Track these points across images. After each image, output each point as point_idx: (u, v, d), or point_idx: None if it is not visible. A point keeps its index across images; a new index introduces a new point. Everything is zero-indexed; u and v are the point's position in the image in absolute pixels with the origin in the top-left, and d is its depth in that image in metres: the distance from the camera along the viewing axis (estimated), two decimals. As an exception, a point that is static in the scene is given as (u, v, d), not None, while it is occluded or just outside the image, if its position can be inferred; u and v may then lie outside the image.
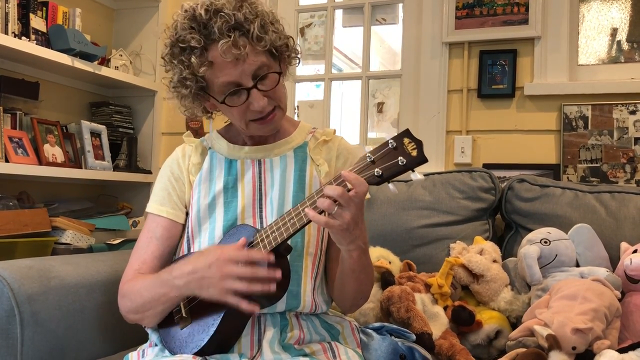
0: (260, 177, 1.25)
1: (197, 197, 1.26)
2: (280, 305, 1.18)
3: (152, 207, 1.30)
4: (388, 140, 1.00)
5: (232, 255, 1.05)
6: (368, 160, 1.01)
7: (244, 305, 1.03)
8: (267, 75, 1.16)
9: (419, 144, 0.99)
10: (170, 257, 1.29)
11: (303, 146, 1.29)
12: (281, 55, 1.21)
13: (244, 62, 1.13)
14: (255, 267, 1.04)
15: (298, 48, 1.27)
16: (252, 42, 1.13)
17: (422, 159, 0.98)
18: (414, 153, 0.98)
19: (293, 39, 1.25)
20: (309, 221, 1.04)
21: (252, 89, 1.15)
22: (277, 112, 1.20)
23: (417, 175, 0.99)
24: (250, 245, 1.12)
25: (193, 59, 1.13)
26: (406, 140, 1.00)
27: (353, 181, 0.99)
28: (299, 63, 1.29)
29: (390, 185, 1.01)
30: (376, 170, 1.00)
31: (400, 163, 0.98)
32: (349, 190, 1.00)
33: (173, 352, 1.16)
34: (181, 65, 1.16)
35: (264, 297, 1.07)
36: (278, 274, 1.03)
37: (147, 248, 1.27)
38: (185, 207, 1.30)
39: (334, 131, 1.34)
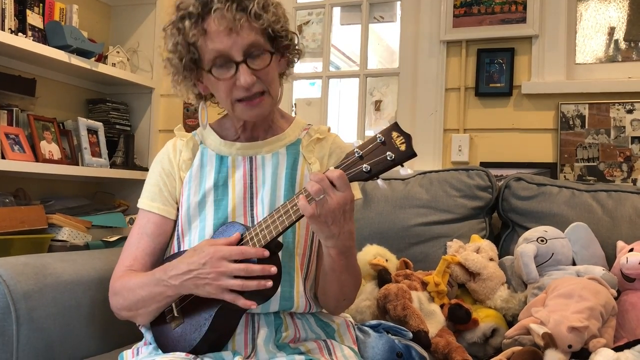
0: (251, 175, 1.24)
1: (187, 194, 1.25)
2: (274, 305, 1.17)
3: (143, 202, 1.29)
4: (376, 135, 0.99)
5: (225, 252, 1.05)
6: (356, 155, 0.99)
7: (241, 302, 1.03)
8: (259, 55, 1.14)
9: (407, 138, 0.97)
10: (161, 253, 1.28)
11: (296, 143, 1.27)
12: (279, 43, 1.20)
13: (237, 35, 1.11)
14: (249, 263, 1.04)
15: (300, 46, 1.26)
16: (249, 18, 1.12)
17: (410, 154, 0.96)
18: (403, 147, 0.96)
19: (297, 35, 1.24)
20: (299, 218, 1.04)
21: (241, 63, 1.13)
22: (266, 97, 1.18)
23: (406, 170, 0.98)
24: (240, 243, 1.11)
25: (187, 24, 1.13)
26: (395, 135, 0.97)
27: (332, 178, 0.99)
28: (297, 60, 1.28)
29: (379, 181, 1.00)
30: (364, 165, 0.98)
31: (389, 158, 0.96)
32: (333, 185, 0.99)
33: (166, 351, 1.15)
34: (176, 32, 1.16)
35: (257, 294, 1.06)
36: (273, 269, 1.03)
37: (139, 245, 1.26)
38: (177, 203, 1.28)
39: (329, 129, 1.32)
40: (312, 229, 1.08)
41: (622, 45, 2.21)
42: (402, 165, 0.97)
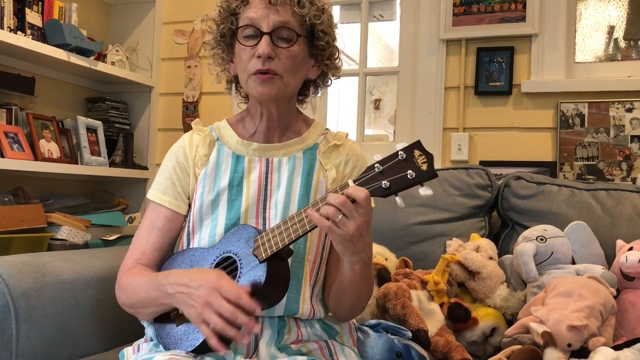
0: (266, 177, 1.23)
1: (200, 192, 1.24)
2: (279, 310, 1.16)
3: (154, 195, 1.28)
4: (398, 151, 0.98)
5: (223, 287, 1.01)
6: (376, 170, 0.99)
7: (213, 342, 1.00)
8: (288, 38, 1.18)
9: (429, 158, 0.97)
10: (170, 248, 1.28)
11: (313, 148, 1.27)
12: (314, 41, 1.23)
13: (275, 10, 1.16)
14: (239, 311, 0.99)
15: (338, 64, 1.30)
16: (292, 4, 1.18)
17: (432, 174, 0.96)
18: (424, 167, 0.96)
19: (339, 51, 1.29)
20: (313, 228, 1.03)
21: (266, 34, 1.16)
22: (278, 80, 1.18)
23: (425, 190, 0.97)
24: (252, 247, 1.11)
25: None
26: (417, 153, 0.97)
27: (358, 198, 0.98)
28: (332, 76, 1.32)
29: (398, 199, 0.99)
30: (384, 182, 0.98)
31: (409, 177, 0.96)
32: (353, 201, 0.98)
33: (168, 349, 1.15)
34: (224, 3, 1.23)
35: (263, 299, 1.06)
36: (257, 328, 1.01)
37: (148, 238, 1.25)
38: (189, 199, 1.27)
39: (347, 135, 1.32)
40: (338, 249, 1.06)
41: (622, 44, 2.21)
42: (422, 185, 0.97)
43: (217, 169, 1.25)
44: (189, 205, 1.27)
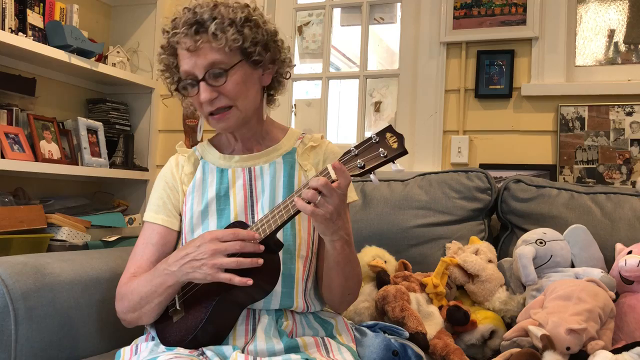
0: (251, 184, 1.28)
1: (190, 204, 1.30)
2: (275, 303, 1.21)
3: (148, 215, 1.34)
4: (371, 136, 1.06)
5: (218, 234, 1.10)
6: (352, 153, 1.07)
7: (237, 280, 1.06)
8: (220, 73, 1.19)
9: (400, 138, 1.05)
10: None
11: (291, 152, 1.32)
12: (250, 58, 1.22)
13: (197, 56, 1.19)
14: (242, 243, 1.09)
15: (285, 56, 1.30)
16: (210, 39, 1.18)
17: (402, 151, 1.04)
18: (395, 146, 1.04)
19: (280, 48, 1.28)
20: (297, 212, 1.08)
21: (201, 81, 1.20)
22: (233, 111, 1.22)
23: (397, 166, 1.04)
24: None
25: (164, 51, 1.26)
26: (388, 135, 1.05)
27: (336, 168, 1.04)
28: (286, 70, 1.32)
29: (372, 176, 1.06)
30: (359, 161, 1.05)
31: (381, 155, 1.04)
32: (332, 182, 1.05)
33: (166, 344, 1.18)
34: (162, 51, 1.29)
35: (256, 288, 1.11)
36: (261, 247, 1.09)
37: (143, 253, 1.30)
38: (180, 215, 1.33)
39: (322, 136, 1.37)
40: (319, 230, 1.12)
41: (622, 47, 2.21)
42: (394, 162, 1.04)
43: (203, 183, 1.31)
44: (181, 221, 1.32)
